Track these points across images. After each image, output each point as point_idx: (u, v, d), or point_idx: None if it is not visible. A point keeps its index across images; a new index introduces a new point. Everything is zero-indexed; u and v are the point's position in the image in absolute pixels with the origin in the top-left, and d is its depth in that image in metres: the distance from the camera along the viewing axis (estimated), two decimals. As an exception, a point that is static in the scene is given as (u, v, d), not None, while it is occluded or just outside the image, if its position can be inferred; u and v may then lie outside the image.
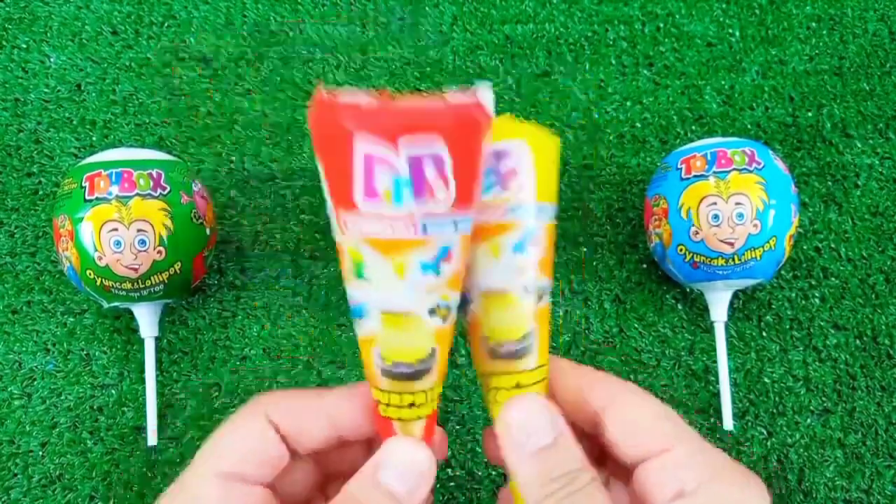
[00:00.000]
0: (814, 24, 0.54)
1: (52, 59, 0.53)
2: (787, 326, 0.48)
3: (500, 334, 0.28)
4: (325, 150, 0.24)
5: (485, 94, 0.23)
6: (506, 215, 0.28)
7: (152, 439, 0.45)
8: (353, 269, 0.26)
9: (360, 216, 0.24)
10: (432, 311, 0.26)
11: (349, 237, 0.25)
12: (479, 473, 0.46)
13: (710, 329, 0.48)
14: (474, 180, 0.25)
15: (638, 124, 0.52)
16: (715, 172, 0.42)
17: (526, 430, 0.26)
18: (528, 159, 0.28)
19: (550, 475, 0.25)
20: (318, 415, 0.27)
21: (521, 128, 0.28)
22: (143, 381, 0.46)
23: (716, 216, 0.42)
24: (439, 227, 0.25)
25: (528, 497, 0.25)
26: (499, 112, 0.35)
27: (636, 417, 0.26)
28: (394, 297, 0.26)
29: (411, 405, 0.27)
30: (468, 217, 0.25)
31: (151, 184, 0.42)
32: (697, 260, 0.43)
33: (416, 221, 0.25)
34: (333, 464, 0.29)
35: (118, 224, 0.41)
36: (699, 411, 0.47)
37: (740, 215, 0.42)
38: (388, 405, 0.27)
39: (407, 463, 0.25)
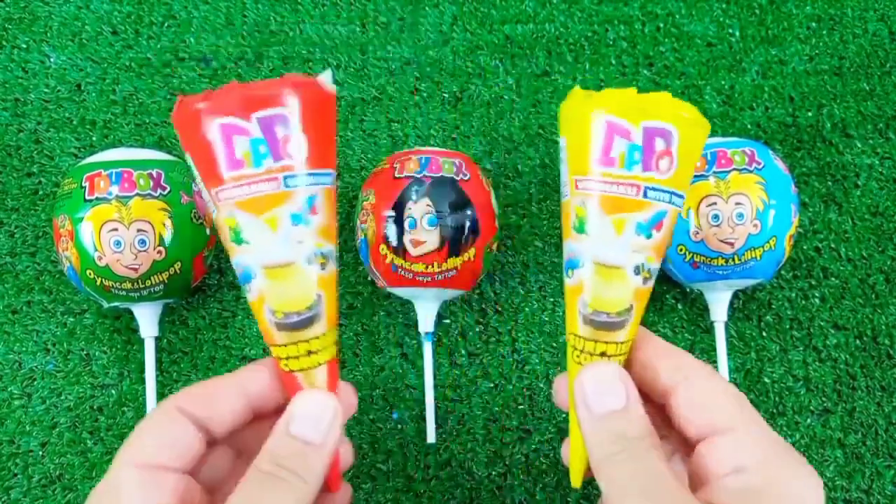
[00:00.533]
0: (814, 24, 0.54)
1: (52, 59, 0.53)
2: (787, 326, 0.48)
3: (601, 304, 0.31)
4: (188, 140, 0.29)
5: (325, 77, 0.30)
6: (640, 194, 0.30)
7: (152, 439, 0.45)
8: (232, 236, 0.30)
9: (228, 186, 0.29)
10: (310, 260, 0.29)
11: (223, 208, 0.29)
12: (479, 473, 0.46)
13: (710, 329, 0.48)
14: (326, 144, 0.29)
15: (638, 124, 0.52)
16: (715, 172, 0.42)
17: (600, 393, 0.28)
18: (676, 142, 0.30)
19: (616, 437, 0.27)
20: (230, 392, 0.28)
21: (676, 109, 0.30)
22: (143, 381, 0.46)
23: (716, 216, 0.42)
24: (299, 181, 0.29)
25: (593, 453, 0.27)
26: (501, 111, 0.44)
27: (705, 396, 0.28)
28: (272, 251, 0.29)
29: (309, 353, 0.29)
30: (326, 172, 0.30)
31: (151, 184, 0.42)
32: (697, 260, 0.43)
33: (278, 177, 0.29)
34: (251, 444, 0.29)
35: (118, 224, 0.41)
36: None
37: (740, 215, 0.42)
38: (287, 359, 0.29)
39: (315, 411, 0.27)
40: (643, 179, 0.30)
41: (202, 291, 0.49)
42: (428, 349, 0.45)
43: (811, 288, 0.49)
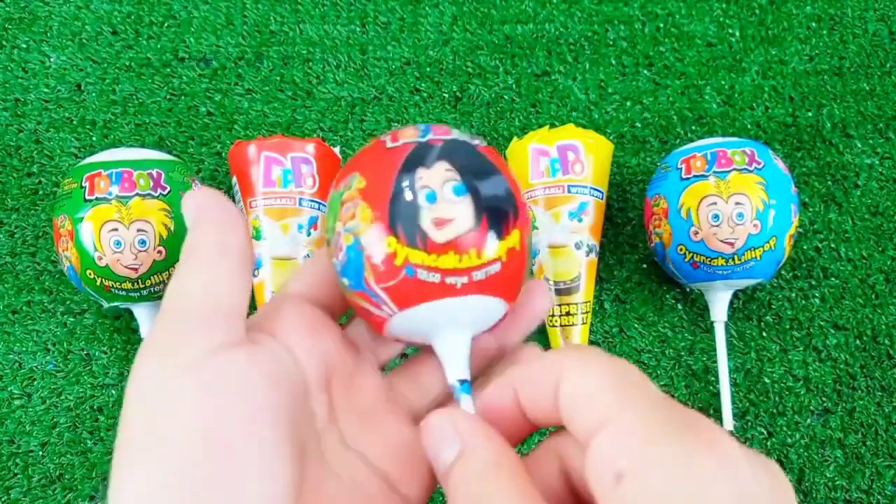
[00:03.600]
0: (814, 24, 0.54)
1: (52, 59, 0.53)
2: (787, 326, 0.48)
3: (557, 275, 0.45)
4: (240, 167, 0.46)
5: (335, 148, 0.47)
6: (566, 191, 0.45)
7: (152, 439, 0.45)
8: (254, 233, 0.45)
9: (261, 197, 0.45)
10: (305, 258, 0.45)
11: (252, 213, 0.45)
12: (479, 473, 0.46)
13: (710, 329, 0.48)
14: (330, 185, 0.35)
15: (638, 124, 0.52)
16: (715, 172, 0.42)
17: (436, 449, 0.23)
18: (584, 153, 0.45)
19: (466, 491, 0.21)
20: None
21: (581, 133, 0.45)
22: (143, 381, 0.46)
23: (716, 216, 0.42)
24: (309, 204, 0.45)
25: None
26: (501, 111, 0.42)
27: (576, 389, 0.21)
28: (280, 247, 0.45)
29: None
30: (326, 204, 0.36)
31: (151, 184, 0.42)
32: (697, 260, 0.43)
33: (295, 198, 0.45)
34: None
35: (118, 224, 0.41)
36: (699, 411, 0.47)
37: (740, 215, 0.42)
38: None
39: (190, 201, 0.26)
40: (565, 181, 0.45)
41: (202, 291, 0.49)
42: (467, 402, 0.26)
43: (811, 288, 0.49)
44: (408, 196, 0.24)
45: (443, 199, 0.24)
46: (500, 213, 0.25)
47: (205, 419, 0.21)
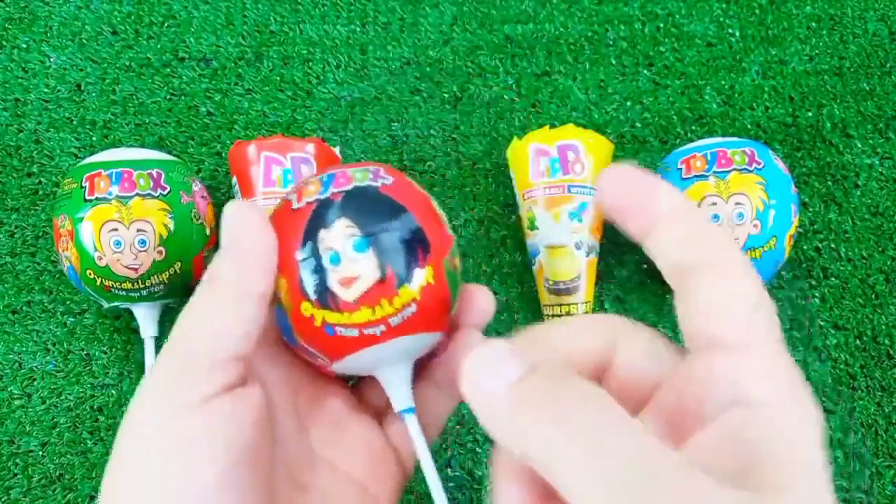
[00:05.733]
0: (814, 24, 0.54)
1: (52, 59, 0.53)
2: (787, 326, 0.48)
3: (557, 275, 0.44)
4: (240, 167, 0.45)
5: (335, 148, 0.47)
6: (566, 191, 0.44)
7: (152, 439, 0.45)
8: None
9: (261, 197, 0.44)
10: None
11: None
12: (479, 473, 0.46)
13: (710, 329, 0.48)
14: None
15: (638, 124, 0.52)
16: (715, 172, 0.42)
17: (489, 370, 0.20)
18: (584, 153, 0.45)
19: (532, 406, 0.18)
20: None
21: (581, 133, 0.45)
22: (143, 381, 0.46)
23: (716, 216, 0.42)
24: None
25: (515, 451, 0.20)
26: (501, 111, 0.43)
27: (713, 297, 0.21)
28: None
29: None
30: None
31: (151, 184, 0.42)
32: (697, 260, 0.43)
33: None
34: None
35: (118, 224, 0.41)
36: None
37: (740, 215, 0.42)
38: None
39: (228, 217, 0.25)
40: (565, 181, 0.44)
41: (202, 291, 0.49)
42: (413, 426, 0.28)
43: (811, 288, 0.49)
44: (313, 261, 0.25)
45: (346, 258, 0.25)
46: (406, 256, 0.26)
47: (192, 465, 0.21)
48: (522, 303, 0.48)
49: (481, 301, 0.29)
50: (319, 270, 0.25)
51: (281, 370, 0.27)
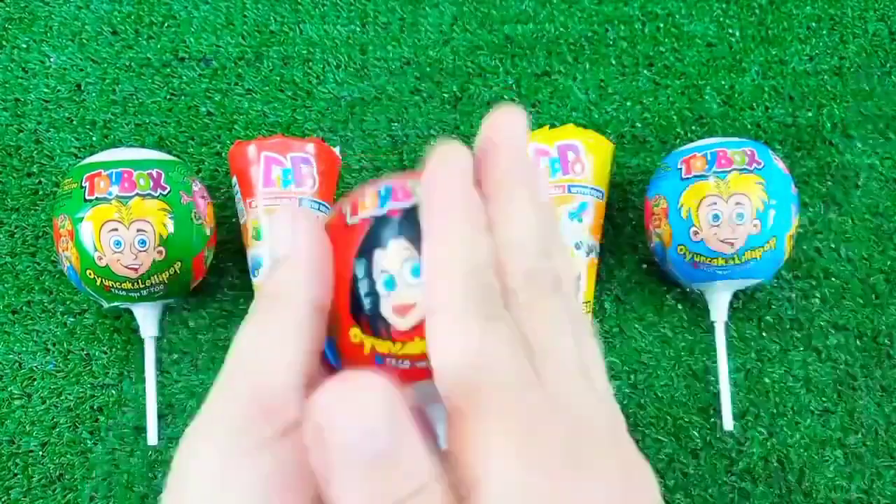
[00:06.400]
0: (814, 24, 0.54)
1: (52, 59, 0.53)
2: (787, 326, 0.48)
3: None
4: (240, 167, 0.45)
5: (336, 148, 0.48)
6: (566, 191, 0.45)
7: (152, 439, 0.45)
8: (254, 234, 0.45)
9: (261, 197, 0.45)
10: None
11: (253, 213, 0.45)
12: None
13: (710, 329, 0.48)
14: (329, 187, 0.45)
15: (638, 124, 0.52)
16: (715, 172, 0.42)
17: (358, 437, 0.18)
18: (584, 153, 0.45)
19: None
20: None
21: (581, 133, 0.45)
22: (143, 381, 0.46)
23: (716, 216, 0.42)
24: (309, 204, 0.45)
25: None
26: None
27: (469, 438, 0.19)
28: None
29: None
30: (326, 204, 0.46)
31: (151, 184, 0.42)
32: (697, 260, 0.43)
33: (295, 198, 0.45)
34: None
35: (118, 224, 0.41)
36: (699, 411, 0.47)
37: (740, 215, 0.42)
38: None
39: (277, 229, 0.24)
40: (566, 181, 0.45)
41: (202, 291, 0.49)
42: None
43: (811, 288, 0.49)
44: (367, 284, 0.23)
45: (402, 284, 0.23)
46: None
47: None
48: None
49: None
50: (372, 294, 0.23)
51: None
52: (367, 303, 0.23)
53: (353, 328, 0.23)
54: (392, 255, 0.23)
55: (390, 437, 0.17)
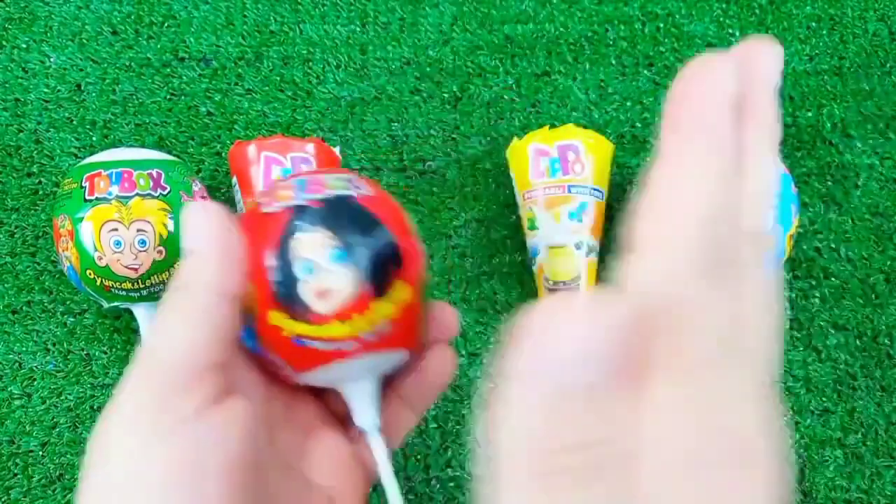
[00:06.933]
0: (814, 24, 0.54)
1: (52, 59, 0.53)
2: (787, 326, 0.48)
3: (557, 276, 0.44)
4: (240, 167, 0.45)
5: (336, 148, 0.47)
6: (566, 191, 0.44)
7: (152, 439, 0.45)
8: None
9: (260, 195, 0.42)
10: None
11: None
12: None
13: (710, 329, 0.48)
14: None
15: (638, 124, 0.52)
16: (715, 172, 0.42)
17: None
18: (584, 153, 0.44)
19: None
20: None
21: (581, 133, 0.45)
22: (143, 381, 0.46)
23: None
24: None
25: None
26: (501, 111, 0.43)
27: None
28: None
29: None
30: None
31: (151, 184, 0.42)
32: (697, 260, 0.43)
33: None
34: None
35: (118, 224, 0.41)
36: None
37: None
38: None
39: (192, 220, 0.24)
40: (566, 181, 0.44)
41: (202, 291, 0.49)
42: (378, 443, 0.28)
43: (811, 288, 0.49)
44: (285, 269, 0.24)
45: (321, 269, 0.24)
46: (382, 271, 0.24)
47: (178, 497, 0.20)
48: (522, 303, 0.48)
49: (447, 318, 0.28)
50: (291, 279, 0.24)
51: (253, 376, 0.26)
52: (287, 286, 0.24)
53: (271, 311, 0.24)
54: (311, 242, 0.24)
55: None
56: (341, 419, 0.29)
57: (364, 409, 0.27)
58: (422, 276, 0.26)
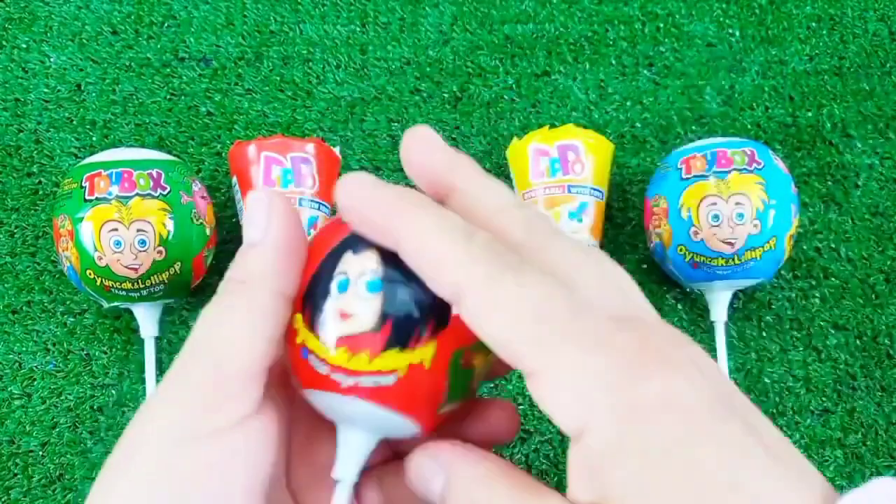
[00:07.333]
0: (814, 24, 0.54)
1: (52, 59, 0.53)
2: (787, 326, 0.48)
3: None
4: (240, 167, 0.45)
5: (336, 148, 0.47)
6: (566, 191, 0.45)
7: (152, 439, 0.45)
8: None
9: None
10: None
11: None
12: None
13: (710, 329, 0.48)
14: (329, 186, 0.46)
15: (638, 124, 0.52)
16: (715, 172, 0.42)
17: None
18: (584, 153, 0.45)
19: None
20: None
21: (581, 133, 0.45)
22: (143, 381, 0.46)
23: (716, 216, 0.42)
24: (309, 204, 0.45)
25: None
26: (501, 111, 0.43)
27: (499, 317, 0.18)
28: None
29: None
30: (326, 204, 0.46)
31: (151, 184, 0.42)
32: (697, 260, 0.43)
33: (295, 198, 0.44)
34: None
35: (118, 224, 0.41)
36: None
37: (740, 215, 0.42)
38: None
39: (251, 210, 0.23)
40: (565, 181, 0.45)
41: (202, 291, 0.48)
42: (340, 498, 0.24)
43: (811, 288, 0.49)
44: (324, 279, 0.22)
45: (353, 292, 0.22)
46: (412, 322, 0.22)
47: (203, 498, 0.19)
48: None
49: (498, 419, 0.24)
50: (325, 290, 0.22)
51: (287, 407, 0.24)
52: (317, 295, 0.22)
53: (297, 313, 0.23)
54: (358, 263, 0.22)
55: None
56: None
57: (345, 456, 0.24)
58: (464, 355, 0.23)
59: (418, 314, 0.22)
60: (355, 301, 0.22)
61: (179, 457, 0.19)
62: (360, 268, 0.22)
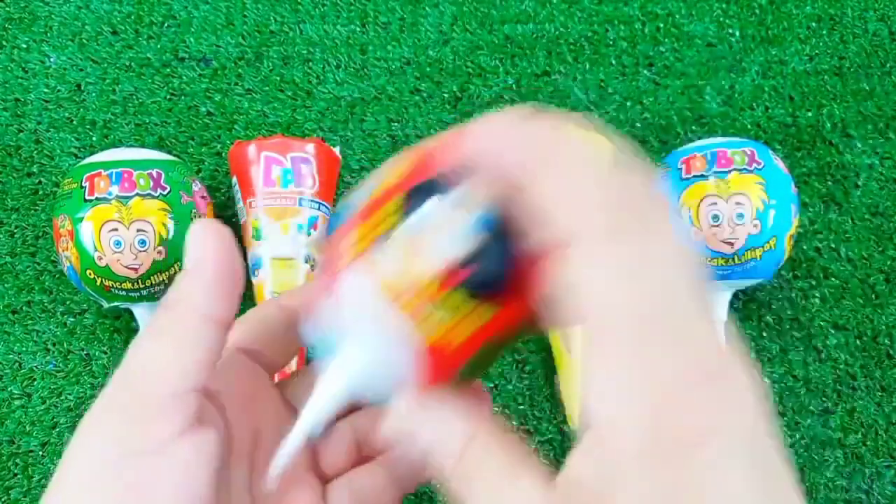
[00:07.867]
0: (814, 24, 0.54)
1: (52, 59, 0.53)
2: (787, 326, 0.48)
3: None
4: (240, 167, 0.45)
5: (336, 148, 0.48)
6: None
7: (152, 439, 0.45)
8: (254, 233, 0.45)
9: (261, 197, 0.45)
10: (306, 259, 0.45)
11: (252, 213, 0.45)
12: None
13: (710, 329, 0.48)
14: (329, 186, 0.46)
15: (638, 124, 0.52)
16: (715, 172, 0.42)
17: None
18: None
19: None
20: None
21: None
22: (143, 381, 0.46)
23: (716, 216, 0.42)
24: (308, 204, 0.45)
25: None
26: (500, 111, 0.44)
27: (554, 195, 0.18)
28: (281, 247, 0.44)
29: None
30: (326, 204, 0.46)
31: (151, 184, 0.42)
32: (697, 260, 0.43)
33: (295, 197, 0.45)
34: None
35: (118, 224, 0.41)
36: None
37: (740, 215, 0.42)
38: None
39: (191, 237, 0.23)
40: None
41: (202, 291, 0.49)
42: (295, 440, 0.23)
43: (811, 288, 0.49)
44: (423, 195, 0.21)
45: (443, 221, 0.21)
46: (494, 277, 0.21)
47: None
48: (522, 303, 0.48)
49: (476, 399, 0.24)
50: (417, 207, 0.21)
51: (252, 416, 0.24)
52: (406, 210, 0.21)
53: (368, 219, 0.22)
54: (464, 200, 0.21)
55: None
56: (323, 476, 0.26)
57: (314, 402, 0.22)
58: (506, 339, 0.22)
59: (492, 271, 0.21)
60: (439, 233, 0.21)
61: (109, 476, 0.19)
62: (462, 205, 0.21)
